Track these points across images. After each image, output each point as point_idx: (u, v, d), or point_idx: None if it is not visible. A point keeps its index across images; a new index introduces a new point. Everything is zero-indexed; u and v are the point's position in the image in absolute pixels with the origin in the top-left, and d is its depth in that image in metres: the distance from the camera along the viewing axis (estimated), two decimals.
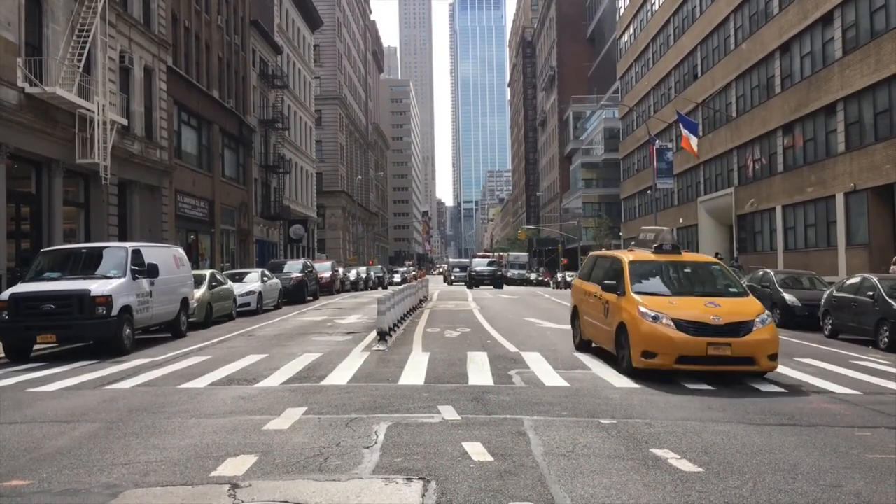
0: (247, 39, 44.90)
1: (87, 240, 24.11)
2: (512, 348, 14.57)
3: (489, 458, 6.42)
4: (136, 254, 15.94)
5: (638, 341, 10.59)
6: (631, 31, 63.33)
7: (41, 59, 21.58)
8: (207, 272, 22.50)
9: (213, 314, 21.29)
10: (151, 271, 15.93)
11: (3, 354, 14.09)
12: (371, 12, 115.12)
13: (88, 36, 23.02)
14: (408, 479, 5.81)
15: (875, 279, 16.80)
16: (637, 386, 10.29)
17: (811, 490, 5.62)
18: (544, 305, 29.73)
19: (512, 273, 72.96)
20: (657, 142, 43.61)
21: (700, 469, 6.14)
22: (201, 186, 36.01)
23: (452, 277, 68.46)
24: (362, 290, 47.72)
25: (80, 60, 22.74)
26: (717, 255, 39.54)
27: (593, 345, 13.51)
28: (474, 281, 52.54)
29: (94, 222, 25.13)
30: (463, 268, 69.51)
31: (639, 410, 8.60)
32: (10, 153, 20.45)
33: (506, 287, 54.38)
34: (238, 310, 23.92)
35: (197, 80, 35.65)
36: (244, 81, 44.07)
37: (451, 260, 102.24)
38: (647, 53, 57.96)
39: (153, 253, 16.94)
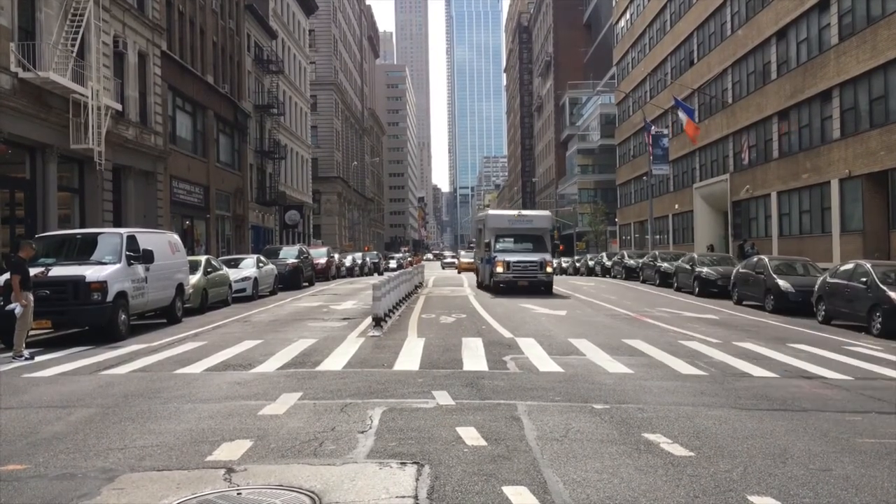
0: (241, 24, 44.64)
1: (82, 225, 24.06)
2: (507, 334, 14.62)
3: (483, 442, 6.47)
4: (132, 239, 15.92)
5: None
6: (627, 16, 63.08)
7: (34, 43, 21.42)
8: (203, 258, 22.48)
9: (209, 300, 21.32)
10: (146, 257, 15.91)
11: None
12: None
13: (82, 20, 22.87)
14: (402, 463, 5.86)
15: (868, 265, 16.86)
16: (630, 371, 10.36)
17: (801, 474, 5.68)
18: None
19: None
20: (653, 128, 43.61)
21: (691, 453, 6.20)
22: (196, 172, 35.91)
23: (504, 272, 26.00)
24: (358, 276, 47.70)
25: (73, 45, 22.60)
26: (709, 247, 39.75)
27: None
28: None
29: (88, 208, 25.07)
30: (527, 240, 27.32)
31: (632, 395, 8.67)
32: (3, 138, 20.35)
33: None
34: (234, 296, 23.89)
35: (191, 65, 35.48)
36: (239, 66, 43.85)
37: (491, 212, 33.24)
38: (644, 39, 57.77)
39: (148, 239, 16.91)
